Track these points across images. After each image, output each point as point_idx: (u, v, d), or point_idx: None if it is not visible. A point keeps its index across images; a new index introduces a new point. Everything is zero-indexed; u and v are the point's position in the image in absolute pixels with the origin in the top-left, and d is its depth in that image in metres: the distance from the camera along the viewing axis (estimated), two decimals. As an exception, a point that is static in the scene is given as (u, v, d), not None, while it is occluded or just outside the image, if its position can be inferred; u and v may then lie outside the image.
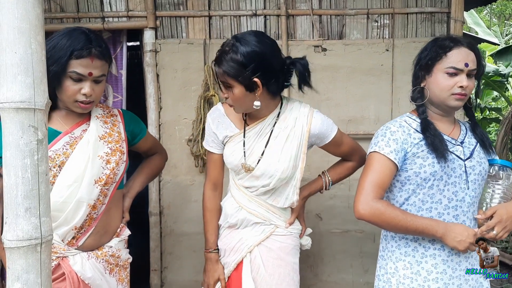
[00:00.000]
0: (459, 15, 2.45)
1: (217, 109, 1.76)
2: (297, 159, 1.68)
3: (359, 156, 1.86)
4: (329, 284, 2.59)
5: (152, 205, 2.57)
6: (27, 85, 0.95)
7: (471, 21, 7.86)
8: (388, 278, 1.62)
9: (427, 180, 1.54)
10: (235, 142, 1.71)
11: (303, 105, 1.74)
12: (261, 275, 1.71)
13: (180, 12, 2.54)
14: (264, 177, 1.67)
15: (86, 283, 1.55)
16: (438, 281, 1.55)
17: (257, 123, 1.69)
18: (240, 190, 1.74)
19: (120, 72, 2.58)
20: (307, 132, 1.68)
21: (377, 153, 1.57)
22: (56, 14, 2.51)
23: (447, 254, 1.56)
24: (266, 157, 1.67)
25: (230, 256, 1.75)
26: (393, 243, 1.64)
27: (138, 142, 1.80)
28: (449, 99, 1.54)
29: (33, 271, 0.98)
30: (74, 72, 1.47)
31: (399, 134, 1.57)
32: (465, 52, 1.53)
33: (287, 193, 1.72)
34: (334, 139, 1.74)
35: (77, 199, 1.52)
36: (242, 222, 1.74)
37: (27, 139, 0.96)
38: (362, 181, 1.56)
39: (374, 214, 1.50)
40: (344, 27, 2.54)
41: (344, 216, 2.56)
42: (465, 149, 1.59)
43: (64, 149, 1.53)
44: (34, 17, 0.96)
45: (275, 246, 1.73)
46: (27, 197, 0.96)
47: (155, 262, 2.58)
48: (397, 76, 2.50)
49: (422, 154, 1.54)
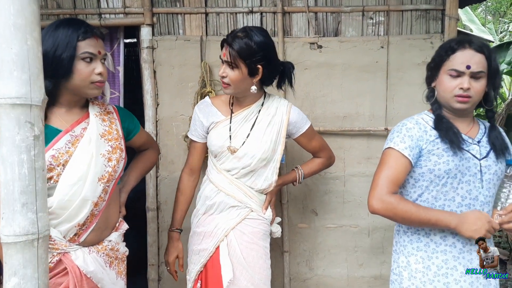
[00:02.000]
0: (453, 13, 2.46)
1: (204, 101, 1.97)
2: (277, 143, 1.88)
3: (327, 153, 2.10)
4: (324, 278, 2.61)
5: (149, 200, 2.58)
6: (23, 81, 0.96)
7: (466, 18, 7.87)
8: (400, 271, 1.65)
9: (441, 178, 1.56)
10: (221, 126, 1.88)
11: (283, 99, 1.97)
12: (237, 257, 1.84)
13: (176, 9, 2.54)
14: (246, 157, 1.84)
15: (88, 276, 1.57)
16: (448, 277, 1.57)
17: (242, 110, 1.89)
18: (221, 173, 1.89)
19: (117, 69, 2.58)
20: (287, 120, 1.89)
21: (392, 149, 1.59)
22: (52, 10, 2.51)
23: (458, 251, 1.58)
24: (250, 139, 1.85)
25: (207, 242, 1.87)
26: (405, 237, 1.67)
27: (133, 138, 1.82)
28: (451, 100, 1.56)
29: (30, 266, 0.99)
30: (87, 52, 1.52)
31: (414, 131, 1.59)
32: (469, 54, 1.53)
33: (266, 174, 1.90)
34: (307, 131, 1.96)
35: (82, 197, 1.53)
36: (219, 206, 1.88)
37: (23, 135, 0.97)
38: (377, 176, 1.59)
39: (387, 209, 1.53)
40: (339, 24, 2.55)
41: (339, 211, 2.58)
42: (481, 148, 1.59)
43: (66, 148, 1.54)
44: (30, 13, 0.97)
45: (248, 230, 1.88)
46: (24, 192, 0.97)
47: (152, 257, 2.59)
48: (391, 73, 2.51)
49: (437, 152, 1.56)
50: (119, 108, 1.79)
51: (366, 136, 2.55)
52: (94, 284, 1.59)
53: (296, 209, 2.60)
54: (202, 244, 1.89)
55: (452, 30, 2.47)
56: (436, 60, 1.63)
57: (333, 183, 2.57)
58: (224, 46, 1.79)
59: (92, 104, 1.68)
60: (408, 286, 1.61)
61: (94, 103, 1.69)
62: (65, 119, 1.59)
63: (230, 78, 1.77)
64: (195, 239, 1.94)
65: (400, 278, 1.65)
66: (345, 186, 2.57)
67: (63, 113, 1.60)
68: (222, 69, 1.80)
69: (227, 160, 1.87)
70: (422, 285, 1.59)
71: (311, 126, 1.99)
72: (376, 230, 2.57)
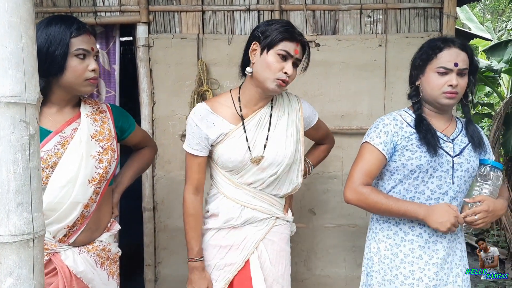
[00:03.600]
0: (451, 11, 2.46)
1: (202, 108, 1.66)
2: (298, 142, 1.73)
3: (331, 138, 2.03)
4: (322, 278, 2.61)
5: (145, 200, 2.57)
6: (18, 79, 0.95)
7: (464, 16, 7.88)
8: (371, 256, 1.76)
9: (413, 172, 1.64)
10: (235, 137, 1.65)
11: (290, 93, 1.80)
12: (267, 269, 1.73)
13: (173, 6, 2.53)
14: (272, 166, 1.67)
15: (78, 277, 1.56)
16: (413, 265, 1.67)
17: (254, 114, 1.68)
18: (241, 188, 1.69)
19: (113, 67, 2.57)
20: (301, 117, 1.75)
21: (368, 144, 1.69)
22: (47, 8, 2.49)
23: (424, 241, 1.67)
24: (272, 145, 1.67)
25: (234, 255, 1.70)
26: (377, 225, 1.77)
27: (128, 136, 1.79)
28: (440, 97, 1.62)
29: (25, 267, 0.98)
30: (80, 49, 1.50)
31: (391, 127, 1.67)
32: (455, 52, 1.61)
33: (291, 177, 1.76)
34: (318, 122, 1.86)
35: (72, 200, 1.51)
36: (247, 221, 1.71)
37: (18, 134, 0.95)
38: (352, 169, 1.70)
39: (359, 199, 1.65)
40: (337, 22, 2.54)
41: (337, 210, 2.58)
42: (455, 146, 1.67)
43: (55, 149, 1.51)
44: (25, 11, 0.96)
45: (277, 238, 1.77)
46: (19, 192, 0.96)
47: (149, 257, 2.58)
48: (390, 72, 2.50)
49: (411, 148, 1.64)
50: (113, 107, 1.76)
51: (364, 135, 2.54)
52: (84, 284, 1.58)
53: (294, 208, 2.58)
54: (227, 258, 1.70)
55: (450, 28, 2.46)
56: (422, 58, 1.68)
57: (331, 183, 2.57)
58: (294, 41, 1.59)
59: (84, 103, 1.65)
60: (378, 270, 1.73)
61: (86, 102, 1.66)
62: (55, 120, 1.56)
63: (293, 77, 1.61)
64: (215, 252, 1.73)
65: (371, 262, 1.76)
66: (343, 185, 2.53)
67: (54, 113, 1.57)
68: (287, 66, 1.58)
69: (247, 173, 1.67)
70: (389, 270, 1.70)
71: (318, 116, 1.87)
72: (374, 229, 2.57)
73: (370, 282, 1.75)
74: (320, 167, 2.56)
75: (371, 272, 1.75)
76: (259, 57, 1.59)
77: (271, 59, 1.56)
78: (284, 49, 1.56)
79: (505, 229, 4.84)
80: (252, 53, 1.63)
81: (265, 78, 1.58)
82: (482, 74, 6.44)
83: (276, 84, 1.58)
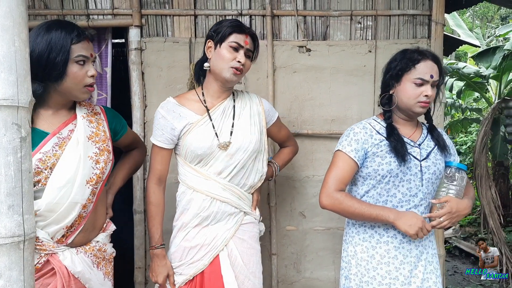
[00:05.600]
0: (439, 18, 2.50)
1: (169, 102, 1.81)
2: (261, 133, 1.88)
3: (293, 140, 2.18)
4: (311, 281, 2.63)
5: (136, 203, 2.56)
6: (10, 82, 0.96)
7: (453, 23, 7.98)
8: (349, 259, 1.83)
9: (384, 177, 1.72)
10: (202, 126, 1.77)
11: (248, 92, 2.00)
12: (239, 266, 1.81)
13: (165, 10, 2.54)
14: (239, 152, 1.78)
15: (76, 277, 1.57)
16: (389, 265, 1.75)
17: (218, 105, 1.82)
18: (211, 180, 1.78)
19: (105, 70, 2.57)
20: (262, 110, 1.92)
21: (340, 152, 1.77)
22: (40, 10, 2.49)
23: (398, 242, 1.75)
24: (238, 131, 1.80)
25: (202, 252, 1.78)
26: (354, 229, 1.84)
27: (120, 138, 1.82)
28: (415, 106, 1.71)
29: (16, 268, 0.99)
30: (80, 55, 1.53)
31: (361, 135, 1.76)
32: (430, 64, 1.71)
33: (257, 167, 1.87)
34: (277, 120, 2.02)
35: (71, 200, 1.53)
36: (216, 215, 1.79)
37: (10, 137, 0.96)
38: (326, 176, 1.77)
39: (333, 204, 1.72)
40: (328, 28, 2.57)
41: (327, 214, 2.59)
42: (422, 150, 1.77)
43: (54, 151, 1.53)
44: (18, 15, 0.97)
45: (246, 236, 1.85)
46: (10, 194, 0.97)
47: (139, 259, 2.58)
48: (379, 77, 2.52)
49: (381, 154, 1.72)
50: (106, 109, 1.79)
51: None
52: (81, 284, 1.59)
53: (284, 211, 2.61)
54: (197, 257, 1.78)
55: (438, 35, 2.51)
56: (397, 68, 1.75)
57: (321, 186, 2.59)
58: (243, 33, 1.75)
59: (79, 105, 1.67)
60: (355, 273, 1.79)
61: (81, 104, 1.68)
62: (51, 121, 1.58)
63: (247, 67, 1.79)
64: (186, 254, 1.80)
65: (349, 265, 1.82)
66: (332, 189, 2.58)
67: (50, 115, 1.59)
68: (239, 55, 1.73)
69: (216, 161, 1.77)
70: (366, 272, 1.76)
71: (278, 116, 2.03)
72: (363, 232, 2.59)
73: (349, 284, 1.81)
74: (310, 170, 2.59)
75: (349, 275, 1.81)
76: (214, 52, 1.76)
77: (224, 52, 1.73)
78: (235, 41, 1.73)
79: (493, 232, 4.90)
80: (208, 50, 1.79)
81: (221, 68, 1.74)
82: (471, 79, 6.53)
83: (231, 73, 1.74)
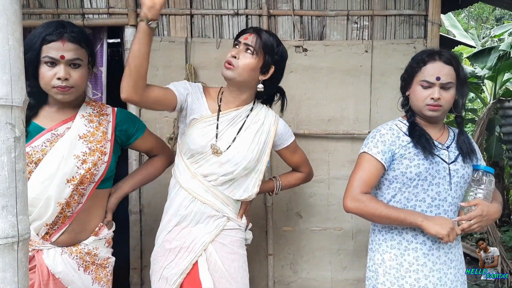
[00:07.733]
0: (436, 18, 2.51)
1: (198, 85, 1.82)
2: (263, 153, 1.81)
3: (308, 169, 2.05)
4: (308, 281, 2.62)
5: (132, 203, 2.55)
6: (4, 81, 0.94)
7: (449, 23, 8.02)
8: (376, 268, 1.76)
9: (412, 180, 1.66)
10: (207, 123, 1.74)
11: (270, 109, 1.91)
12: (218, 271, 1.75)
13: (161, 10, 2.52)
14: (229, 164, 1.73)
15: (56, 277, 1.56)
16: (418, 272, 1.68)
17: (231, 110, 1.78)
18: (196, 178, 1.74)
19: (100, 69, 2.55)
20: (274, 131, 1.84)
21: (366, 154, 1.72)
22: (34, 9, 2.47)
23: (428, 248, 1.69)
24: (237, 144, 1.75)
25: (183, 257, 1.74)
26: (380, 236, 1.77)
27: (134, 142, 1.77)
28: (424, 109, 1.68)
29: (9, 270, 0.97)
30: (47, 57, 1.49)
31: (387, 137, 1.70)
32: (439, 66, 1.65)
33: (247, 185, 1.80)
34: (291, 144, 1.93)
35: (46, 196, 1.52)
36: (195, 216, 1.74)
37: (4, 137, 0.95)
38: (351, 178, 1.72)
39: (358, 207, 1.66)
40: (324, 28, 2.57)
41: (323, 214, 2.59)
42: (450, 153, 1.72)
43: (43, 146, 1.53)
44: (12, 13, 0.95)
45: (227, 240, 1.78)
46: (4, 195, 0.95)
47: (135, 260, 2.57)
48: (375, 77, 2.54)
49: (409, 156, 1.67)
50: (119, 111, 1.75)
51: (351, 139, 2.57)
52: (63, 286, 1.58)
53: (281, 212, 2.60)
54: (176, 260, 1.75)
55: (434, 35, 2.51)
56: (409, 71, 1.75)
57: (318, 186, 2.59)
58: (248, 32, 1.75)
59: (86, 104, 1.66)
60: (383, 282, 1.72)
61: (89, 104, 1.67)
62: (53, 118, 1.59)
63: (244, 62, 1.69)
64: (166, 256, 1.77)
65: (376, 274, 1.75)
66: (329, 189, 2.58)
67: (54, 111, 1.60)
68: (234, 51, 1.72)
69: (206, 163, 1.73)
70: (395, 280, 1.70)
71: (295, 140, 1.95)
72: (360, 232, 2.59)
73: None
74: (307, 171, 2.58)
75: (376, 285, 1.74)
76: None
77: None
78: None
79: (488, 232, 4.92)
80: None
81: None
82: (466, 80, 6.54)
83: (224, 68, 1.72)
